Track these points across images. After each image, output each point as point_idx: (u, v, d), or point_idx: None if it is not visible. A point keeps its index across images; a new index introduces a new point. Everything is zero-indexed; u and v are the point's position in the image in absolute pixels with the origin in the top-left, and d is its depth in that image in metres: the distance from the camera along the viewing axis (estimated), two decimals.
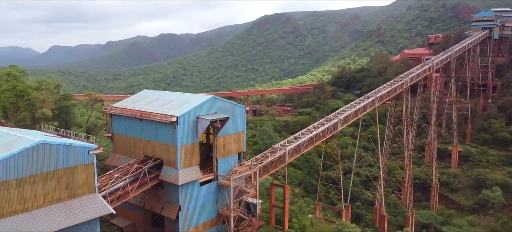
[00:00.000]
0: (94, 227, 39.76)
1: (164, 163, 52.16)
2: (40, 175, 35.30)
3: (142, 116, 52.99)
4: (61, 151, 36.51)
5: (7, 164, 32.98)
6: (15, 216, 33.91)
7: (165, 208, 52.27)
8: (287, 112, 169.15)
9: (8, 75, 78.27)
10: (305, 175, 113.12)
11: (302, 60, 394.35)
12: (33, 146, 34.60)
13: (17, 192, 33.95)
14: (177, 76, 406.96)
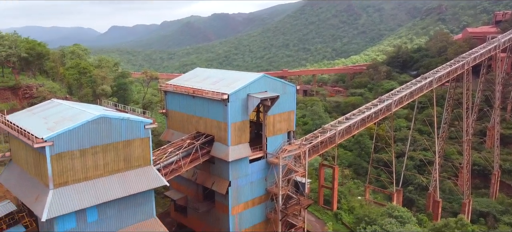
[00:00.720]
0: (149, 198, 41.89)
1: (215, 139, 53.43)
2: (100, 146, 37.55)
3: (195, 93, 54.38)
4: (119, 125, 38.52)
5: (71, 135, 35.40)
6: (78, 184, 36.49)
7: (216, 183, 53.80)
8: (338, 92, 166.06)
9: (72, 54, 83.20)
10: (356, 157, 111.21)
11: (356, 40, 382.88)
12: (94, 119, 36.79)
13: (80, 161, 36.41)
14: (229, 56, 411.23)
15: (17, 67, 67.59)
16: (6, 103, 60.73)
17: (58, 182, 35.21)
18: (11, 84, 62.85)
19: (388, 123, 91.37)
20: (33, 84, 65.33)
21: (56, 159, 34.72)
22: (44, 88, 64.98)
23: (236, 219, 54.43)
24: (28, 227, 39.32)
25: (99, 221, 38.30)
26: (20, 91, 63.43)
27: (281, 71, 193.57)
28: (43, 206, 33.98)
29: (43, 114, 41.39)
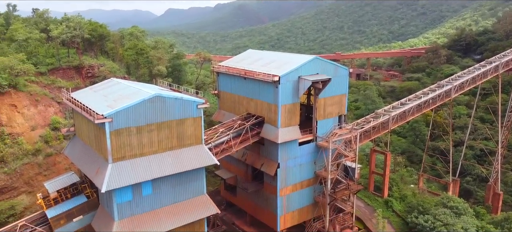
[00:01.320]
0: (200, 175, 43.29)
1: (265, 121, 53.81)
2: (155, 124, 39.18)
3: (246, 74, 54.86)
4: (173, 104, 39.89)
5: (129, 112, 37.21)
6: (134, 159, 38.42)
7: (265, 164, 54.39)
8: (393, 77, 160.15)
9: (130, 35, 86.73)
10: (410, 144, 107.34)
11: (415, 22, 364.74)
12: (150, 98, 38.36)
13: (137, 138, 38.26)
14: (281, 39, 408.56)
15: (81, 47, 71.70)
16: (71, 82, 64.89)
17: (117, 157, 37.29)
18: (75, 64, 66.95)
19: (446, 110, 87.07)
20: (95, 64, 69.14)
21: (114, 134, 36.73)
22: (104, 68, 68.56)
23: (284, 200, 54.89)
24: (90, 197, 42.18)
25: (153, 195, 40.24)
26: (83, 70, 67.41)
27: (334, 54, 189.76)
28: (103, 179, 36.22)
29: (103, 92, 43.81)
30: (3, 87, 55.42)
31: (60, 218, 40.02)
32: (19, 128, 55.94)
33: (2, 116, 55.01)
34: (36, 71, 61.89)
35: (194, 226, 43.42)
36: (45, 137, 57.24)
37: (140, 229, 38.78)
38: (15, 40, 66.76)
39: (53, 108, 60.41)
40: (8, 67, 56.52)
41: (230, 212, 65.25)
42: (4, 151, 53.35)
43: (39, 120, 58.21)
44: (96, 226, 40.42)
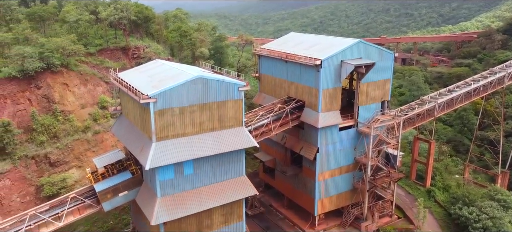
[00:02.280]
0: (240, 157, 43.92)
1: (305, 105, 53.52)
2: (197, 105, 40.01)
3: (288, 58, 54.56)
4: (215, 86, 40.50)
5: (172, 93, 38.21)
6: (177, 139, 39.56)
7: (304, 148, 54.30)
8: (442, 62, 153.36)
9: (174, 17, 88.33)
10: (456, 133, 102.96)
11: (467, 4, 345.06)
12: (193, 79, 39.14)
13: (179, 118, 39.30)
14: (324, 22, 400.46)
15: (127, 29, 73.94)
16: (118, 62, 67.32)
17: (160, 136, 38.55)
18: (122, 45, 69.27)
19: (498, 98, 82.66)
20: (141, 45, 71.18)
21: (158, 114, 37.92)
22: (149, 49, 70.45)
23: (322, 185, 54.74)
24: (134, 174, 43.99)
25: (194, 175, 41.37)
26: (129, 51, 69.64)
27: (379, 38, 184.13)
28: (147, 157, 37.64)
29: (148, 73, 45.15)
30: (56, 66, 58.41)
31: (107, 192, 42.11)
32: (70, 106, 58.99)
33: (55, 94, 58.18)
34: (86, 52, 64.67)
35: (233, 206, 44.38)
36: (94, 115, 60.07)
37: (181, 206, 40.11)
38: (67, 22, 69.90)
39: (101, 88, 63.10)
40: (61, 47, 59.38)
41: (268, 194, 65.96)
42: (57, 127, 56.58)
43: (88, 99, 61.07)
44: (140, 201, 42.23)
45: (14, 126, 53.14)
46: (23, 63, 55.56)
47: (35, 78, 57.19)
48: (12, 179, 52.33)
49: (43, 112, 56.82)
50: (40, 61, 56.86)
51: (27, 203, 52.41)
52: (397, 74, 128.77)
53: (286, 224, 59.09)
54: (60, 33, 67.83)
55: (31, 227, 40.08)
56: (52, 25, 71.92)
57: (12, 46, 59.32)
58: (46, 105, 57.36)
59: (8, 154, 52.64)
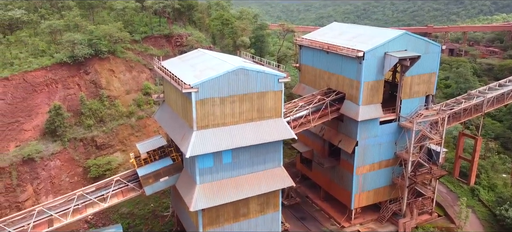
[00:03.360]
0: (278, 148, 44.15)
1: (346, 97, 52.85)
2: (237, 96, 40.47)
3: (329, 48, 53.89)
4: (255, 77, 40.73)
5: (213, 83, 38.85)
6: (217, 128, 40.32)
7: (343, 141, 53.76)
8: (493, 54, 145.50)
9: (217, 5, 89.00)
10: (506, 129, 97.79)
11: None
12: (234, 70, 39.55)
13: (220, 108, 39.97)
14: (368, 9, 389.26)
15: (171, 17, 75.51)
16: (161, 50, 69.08)
17: (201, 125, 39.45)
18: (166, 33, 70.92)
19: None
20: (184, 33, 72.53)
21: (200, 104, 38.74)
22: (192, 37, 71.65)
23: (360, 179, 54.12)
24: (175, 160, 45.36)
25: (233, 164, 42.09)
26: (172, 39, 71.20)
27: (425, 27, 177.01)
28: (187, 145, 38.68)
29: (191, 62, 46.09)
30: (103, 53, 60.79)
31: (149, 177, 43.76)
32: (116, 91, 61.36)
33: (102, 80, 60.68)
34: (131, 39, 66.75)
35: (269, 196, 44.86)
36: (138, 101, 62.20)
37: (219, 194, 41.05)
38: (114, 9, 72.29)
39: (145, 74, 65.09)
40: (108, 34, 61.66)
41: (304, 185, 66.01)
42: (103, 112, 59.12)
43: (133, 85, 63.22)
44: (180, 187, 43.56)
45: (64, 109, 56.05)
46: (73, 49, 58.25)
47: (84, 64, 59.87)
48: (62, 160, 55.44)
49: (90, 97, 59.52)
50: (89, 48, 59.40)
51: (75, 183, 55.42)
52: (444, 65, 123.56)
53: (321, 216, 59.06)
54: (108, 20, 70.34)
55: (78, 206, 42.48)
56: (100, 12, 74.67)
57: (63, 32, 62.23)
58: (94, 90, 60.01)
59: (59, 136, 55.72)
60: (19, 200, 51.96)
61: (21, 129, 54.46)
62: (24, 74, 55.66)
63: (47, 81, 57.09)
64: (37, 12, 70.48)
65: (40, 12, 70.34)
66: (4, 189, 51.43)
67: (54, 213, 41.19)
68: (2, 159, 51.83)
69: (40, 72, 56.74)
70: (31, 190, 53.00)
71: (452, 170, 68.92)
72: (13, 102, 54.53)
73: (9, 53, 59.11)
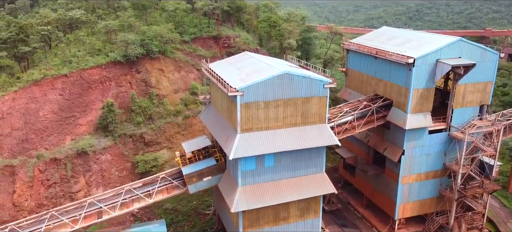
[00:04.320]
0: (321, 154, 43.88)
1: (393, 104, 51.53)
2: (282, 100, 40.64)
3: (378, 54, 52.75)
4: (300, 82, 40.70)
5: (259, 87, 39.25)
6: (260, 132, 40.69)
7: (388, 149, 52.43)
8: None
9: (265, 7, 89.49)
10: None
11: None
12: (279, 74, 39.75)
13: (264, 112, 40.30)
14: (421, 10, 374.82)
15: (220, 19, 76.99)
16: (209, 51, 70.59)
17: (245, 128, 39.99)
18: (214, 34, 72.41)
19: None
20: (231, 35, 73.67)
21: (244, 107, 39.28)
22: (239, 39, 72.63)
23: (405, 189, 52.56)
24: (218, 161, 46.28)
25: (275, 168, 42.33)
26: (220, 40, 72.56)
27: (483, 30, 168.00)
28: (231, 147, 39.37)
29: (237, 65, 46.80)
30: (154, 53, 63.08)
31: (193, 176, 44.97)
32: (164, 90, 63.48)
33: (152, 79, 63.00)
34: (181, 40, 68.75)
35: (310, 201, 44.72)
36: (185, 100, 64.01)
37: (260, 197, 41.42)
38: (166, 10, 74.75)
39: (193, 74, 66.80)
40: (159, 35, 63.92)
41: (347, 191, 65.04)
42: (152, 110, 61.40)
43: (181, 85, 65.09)
44: (222, 188, 44.41)
45: (116, 106, 58.80)
46: (126, 49, 60.92)
47: (136, 63, 62.45)
48: (112, 154, 58.20)
49: (141, 95, 61.99)
50: (141, 48, 61.87)
51: (124, 177, 58.00)
52: (502, 71, 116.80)
53: (363, 224, 57.92)
54: (159, 21, 72.84)
55: (126, 200, 44.47)
56: (153, 13, 77.46)
57: (118, 32, 65.25)
58: (144, 88, 62.45)
59: (110, 132, 58.54)
60: (72, 191, 55.22)
61: (76, 123, 57.81)
62: (81, 72, 59.02)
63: (102, 79, 60.16)
64: (94, 13, 74.39)
65: (98, 12, 74.19)
66: (60, 179, 54.85)
67: (103, 206, 43.41)
68: (58, 151, 55.35)
69: (96, 70, 59.90)
70: (83, 182, 56.12)
71: (507, 184, 65.07)
72: (70, 97, 57.99)
73: (69, 51, 62.86)
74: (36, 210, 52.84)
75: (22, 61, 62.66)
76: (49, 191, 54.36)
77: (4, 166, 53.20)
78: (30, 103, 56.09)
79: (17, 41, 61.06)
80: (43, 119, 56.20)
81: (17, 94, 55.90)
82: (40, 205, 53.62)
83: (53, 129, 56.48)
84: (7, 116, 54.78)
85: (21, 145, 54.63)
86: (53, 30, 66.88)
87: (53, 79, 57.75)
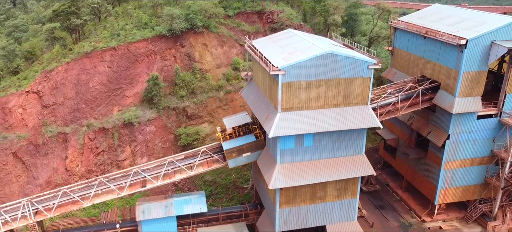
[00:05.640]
0: (361, 135, 43.37)
1: (441, 87, 49.72)
2: (324, 80, 40.20)
3: (427, 33, 50.67)
4: (344, 62, 39.96)
5: (301, 67, 38.97)
6: (300, 111, 40.68)
7: (433, 133, 50.92)
8: None
9: None
10: None
11: None
12: (322, 54, 39.19)
13: (305, 92, 40.12)
14: None
15: None
16: (253, 26, 70.26)
17: (285, 107, 40.10)
18: (258, 9, 71.67)
19: None
20: (275, 10, 72.66)
21: (286, 86, 39.28)
22: (283, 14, 71.54)
23: (448, 174, 51.17)
24: (258, 138, 46.86)
25: (313, 148, 42.38)
26: (264, 16, 71.82)
27: None
28: (271, 125, 39.74)
29: (280, 44, 46.54)
30: (198, 27, 63.72)
31: (232, 151, 45.96)
32: (207, 65, 64.36)
33: (195, 53, 63.96)
34: (225, 14, 68.80)
35: (348, 182, 44.67)
36: (227, 75, 64.65)
37: (297, 176, 41.81)
38: None
39: (236, 50, 67.06)
40: (204, 9, 64.32)
41: (386, 173, 64.17)
42: (195, 84, 62.60)
43: (224, 60, 65.67)
44: (261, 164, 45.14)
45: (161, 80, 60.44)
46: (171, 23, 61.93)
47: (180, 37, 63.48)
48: (156, 126, 60.31)
49: (184, 69, 63.23)
50: (185, 22, 62.65)
51: (167, 148, 60.15)
52: None
53: (401, 207, 57.15)
54: None
55: (168, 171, 46.36)
56: None
57: (164, 6, 66.27)
58: (187, 62, 63.58)
59: (155, 104, 60.48)
60: (119, 159, 58.08)
61: (123, 95, 60.16)
62: (129, 45, 60.88)
63: (148, 52, 61.81)
64: None
65: None
66: (108, 148, 57.77)
67: (147, 175, 45.51)
68: (106, 121, 58.10)
69: (142, 44, 61.56)
70: (129, 151, 58.81)
71: None
72: (118, 70, 60.20)
73: (117, 24, 64.83)
74: (86, 176, 56.24)
75: (74, 33, 65.38)
76: (97, 158, 57.53)
77: (58, 133, 56.72)
78: (81, 74, 58.87)
79: (69, 14, 63.67)
80: (93, 90, 58.94)
81: (69, 65, 58.78)
82: (90, 171, 56.95)
83: (101, 99, 59.17)
84: (60, 86, 57.93)
85: (72, 114, 57.81)
86: (102, 3, 68.97)
87: (102, 51, 60.06)
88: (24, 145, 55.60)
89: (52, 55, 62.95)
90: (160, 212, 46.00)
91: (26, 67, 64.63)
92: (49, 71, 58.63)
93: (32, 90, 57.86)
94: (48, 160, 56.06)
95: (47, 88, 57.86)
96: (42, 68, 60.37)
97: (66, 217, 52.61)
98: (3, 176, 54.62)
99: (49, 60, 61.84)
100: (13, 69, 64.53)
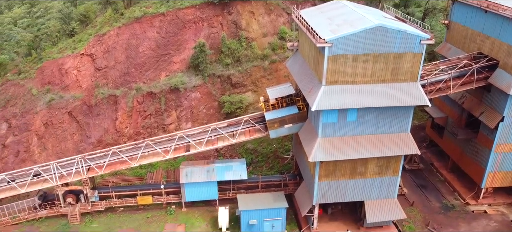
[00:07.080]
0: (407, 113, 41.98)
1: (499, 65, 46.78)
2: (372, 55, 38.93)
3: (489, 7, 47.43)
4: (394, 37, 38.33)
5: (349, 40, 37.88)
6: (345, 85, 39.87)
7: (486, 114, 48.43)
8: None
9: None
10: None
11: None
12: (372, 27, 37.74)
13: (351, 66, 39.14)
14: None
15: None
16: None
17: (330, 81, 39.44)
18: None
19: None
20: None
21: (332, 59, 38.48)
22: None
23: (498, 158, 48.85)
24: (300, 110, 46.67)
25: (357, 123, 41.66)
26: None
27: None
28: (314, 98, 39.34)
29: (329, 15, 45.33)
30: None
31: (274, 122, 46.20)
32: (253, 33, 64.18)
33: (242, 21, 63.85)
34: None
35: (390, 160, 43.78)
36: (273, 44, 64.27)
37: (338, 150, 41.50)
38: None
39: (283, 18, 66.21)
40: None
41: (431, 152, 62.16)
42: (240, 52, 62.83)
43: (270, 29, 65.14)
44: (302, 136, 45.09)
45: (207, 47, 61.20)
46: None
47: (228, 4, 63.48)
48: (201, 93, 61.58)
49: (230, 37, 63.48)
50: None
51: (211, 115, 61.48)
52: None
53: (445, 188, 55.40)
54: None
55: (211, 138, 47.59)
56: None
57: None
58: (234, 30, 63.72)
59: (200, 71, 61.56)
60: (165, 123, 60.20)
61: (171, 61, 61.63)
62: (177, 11, 61.75)
63: (195, 19, 62.47)
64: None
65: None
66: (154, 111, 59.94)
67: (191, 141, 46.97)
68: (154, 86, 60.03)
69: (190, 10, 62.22)
70: (174, 116, 60.69)
71: None
72: (166, 36, 61.50)
73: None
74: (134, 137, 58.91)
75: None
76: (145, 121, 59.93)
77: (109, 95, 59.42)
78: (132, 39, 60.71)
79: None
80: (142, 55, 60.79)
81: (120, 30, 60.73)
82: (137, 133, 59.57)
83: (150, 64, 60.97)
84: (112, 50, 60.20)
85: (123, 77, 60.17)
86: None
87: (151, 17, 61.41)
88: (79, 105, 58.84)
89: (105, 19, 65.27)
90: (202, 177, 47.69)
91: (81, 30, 67.56)
92: (102, 35, 60.94)
93: (86, 53, 60.56)
94: (100, 121, 59.13)
95: (99, 51, 60.32)
96: (96, 31, 62.80)
97: (115, 175, 55.76)
98: (59, 133, 58.35)
99: (102, 24, 64.19)
100: (69, 32, 67.65)
